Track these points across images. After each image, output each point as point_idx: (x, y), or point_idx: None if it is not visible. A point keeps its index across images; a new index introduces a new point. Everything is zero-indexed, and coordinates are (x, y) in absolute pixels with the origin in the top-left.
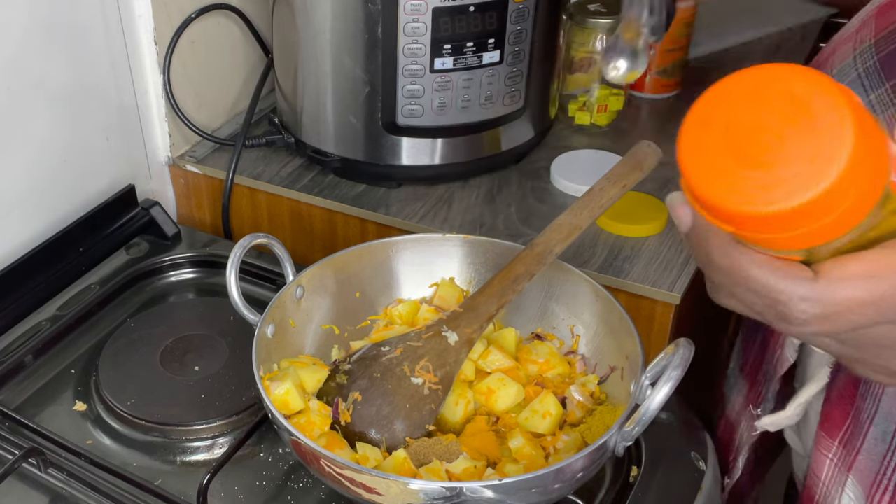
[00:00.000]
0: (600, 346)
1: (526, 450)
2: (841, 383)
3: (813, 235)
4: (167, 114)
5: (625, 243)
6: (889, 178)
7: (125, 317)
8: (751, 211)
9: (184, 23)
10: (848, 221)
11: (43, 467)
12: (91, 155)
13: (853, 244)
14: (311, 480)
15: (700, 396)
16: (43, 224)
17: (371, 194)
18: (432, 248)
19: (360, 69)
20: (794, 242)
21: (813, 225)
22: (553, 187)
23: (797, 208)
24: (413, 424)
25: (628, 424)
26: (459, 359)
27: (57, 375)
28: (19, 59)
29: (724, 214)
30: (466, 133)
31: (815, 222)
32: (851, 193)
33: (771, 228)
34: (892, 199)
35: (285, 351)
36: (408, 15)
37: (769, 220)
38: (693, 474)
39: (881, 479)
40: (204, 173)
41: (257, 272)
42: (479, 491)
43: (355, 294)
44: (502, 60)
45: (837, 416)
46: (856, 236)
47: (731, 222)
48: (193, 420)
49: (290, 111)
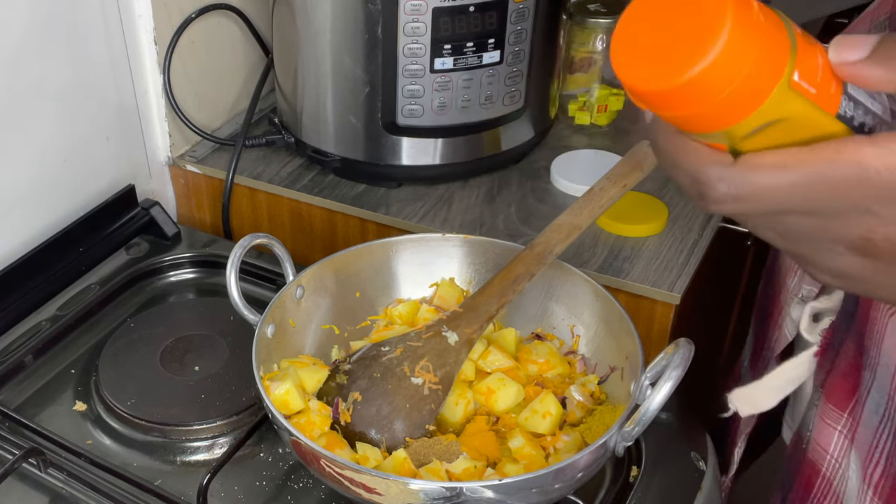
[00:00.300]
0: (600, 346)
1: (526, 450)
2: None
3: (712, 117)
4: (167, 114)
5: (625, 243)
6: (789, 72)
7: (125, 317)
8: (644, 88)
9: (184, 23)
10: (743, 105)
11: (43, 467)
12: (91, 155)
13: (777, 141)
14: (311, 480)
15: (700, 396)
16: (43, 224)
17: (371, 194)
18: (432, 248)
19: (360, 69)
20: (700, 124)
21: (705, 105)
22: (553, 187)
23: (682, 85)
24: (413, 424)
25: (628, 424)
26: (459, 359)
27: (57, 375)
28: (19, 59)
29: (636, 96)
30: (466, 133)
31: (705, 102)
32: (737, 75)
33: (670, 106)
34: (796, 98)
35: (285, 351)
36: (408, 15)
37: (663, 96)
38: (693, 474)
39: (874, 451)
40: (204, 173)
41: (257, 272)
42: (479, 491)
43: (355, 294)
44: (502, 60)
45: (846, 387)
46: (763, 127)
47: (645, 103)
48: (193, 420)
49: (290, 111)
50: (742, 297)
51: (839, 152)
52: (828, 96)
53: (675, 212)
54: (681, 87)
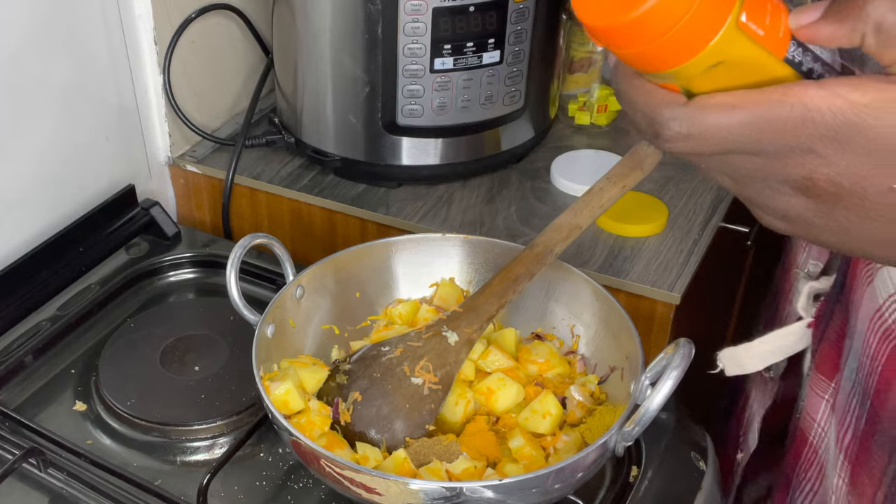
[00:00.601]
0: (600, 346)
1: (526, 450)
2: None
3: (663, 55)
4: (167, 114)
5: (625, 243)
6: (736, 13)
7: (125, 317)
8: (598, 24)
9: (184, 23)
10: (691, 44)
11: (43, 467)
12: (91, 155)
13: (729, 84)
14: (311, 480)
15: (700, 396)
16: (43, 224)
17: (371, 194)
18: (432, 248)
19: (360, 69)
20: (653, 62)
21: (654, 42)
22: (553, 187)
23: (632, 21)
24: (413, 424)
25: (628, 424)
26: (459, 359)
27: (57, 375)
28: (19, 59)
29: (592, 33)
30: (466, 133)
31: (654, 39)
32: (684, 12)
33: (623, 43)
34: (744, 40)
35: (285, 351)
36: (408, 15)
37: (615, 33)
38: (693, 474)
39: (846, 415)
40: (204, 173)
41: (257, 272)
42: (479, 491)
43: (355, 294)
44: (502, 60)
45: (833, 356)
46: (713, 67)
47: (600, 41)
48: (193, 420)
49: (290, 111)
50: (742, 297)
51: (786, 94)
52: (776, 39)
53: (675, 212)
54: (631, 24)
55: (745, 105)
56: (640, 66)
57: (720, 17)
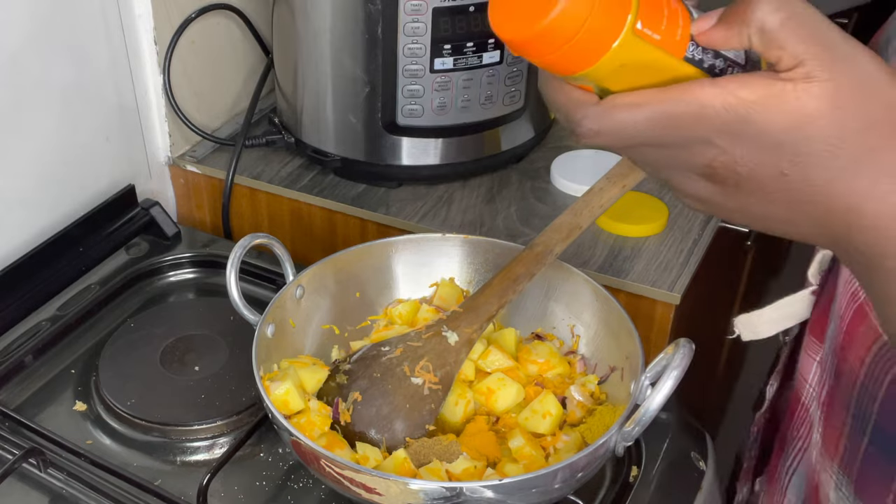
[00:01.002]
0: (600, 346)
1: (526, 450)
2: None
3: (570, 61)
4: (167, 114)
5: (625, 243)
6: (632, 21)
7: (125, 317)
8: (510, 38)
9: (184, 23)
10: (593, 50)
11: (43, 467)
12: (91, 155)
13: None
14: (311, 480)
15: (700, 396)
16: (43, 224)
17: (371, 194)
18: (432, 248)
19: (360, 69)
20: (563, 67)
21: (559, 50)
22: (553, 187)
23: (537, 34)
24: (413, 424)
25: (628, 424)
26: (459, 359)
27: (57, 375)
28: (19, 59)
29: (510, 45)
30: (466, 133)
31: (559, 48)
32: (582, 24)
33: (534, 53)
34: (641, 44)
35: (285, 351)
36: (408, 15)
37: (526, 44)
38: (693, 474)
39: (823, 373)
40: (204, 173)
41: (257, 272)
42: (479, 491)
43: (355, 294)
44: (502, 60)
45: (823, 319)
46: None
47: (517, 51)
48: (193, 420)
49: (290, 111)
50: (742, 297)
51: (683, 93)
52: (673, 42)
53: (675, 212)
54: (536, 36)
55: (647, 103)
56: (555, 71)
57: (616, 26)
